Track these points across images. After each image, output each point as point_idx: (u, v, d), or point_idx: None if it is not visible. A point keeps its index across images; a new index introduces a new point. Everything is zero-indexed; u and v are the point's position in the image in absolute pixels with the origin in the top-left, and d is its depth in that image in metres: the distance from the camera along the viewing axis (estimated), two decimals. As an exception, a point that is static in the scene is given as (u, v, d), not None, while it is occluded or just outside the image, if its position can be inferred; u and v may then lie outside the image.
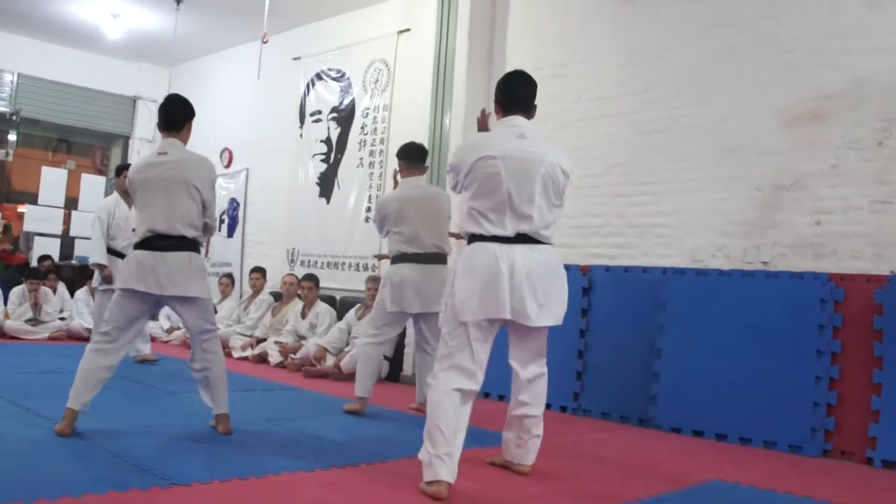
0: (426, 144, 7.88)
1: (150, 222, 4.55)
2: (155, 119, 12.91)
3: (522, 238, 3.88)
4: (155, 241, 4.54)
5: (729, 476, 4.46)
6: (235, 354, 9.03)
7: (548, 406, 6.39)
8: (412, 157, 5.98)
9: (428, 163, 6.15)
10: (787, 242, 5.79)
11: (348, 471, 4.02)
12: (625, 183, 6.75)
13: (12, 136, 12.41)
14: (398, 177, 6.06)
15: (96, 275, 7.87)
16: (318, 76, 10.09)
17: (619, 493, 3.95)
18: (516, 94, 4.15)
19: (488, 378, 4.22)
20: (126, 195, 7.79)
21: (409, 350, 7.75)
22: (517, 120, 4.09)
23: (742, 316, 5.69)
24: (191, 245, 4.62)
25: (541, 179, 3.91)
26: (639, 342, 6.23)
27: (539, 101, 7.21)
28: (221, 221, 11.47)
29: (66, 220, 12.51)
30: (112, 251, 7.71)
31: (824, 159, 5.67)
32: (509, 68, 7.64)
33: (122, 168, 7.99)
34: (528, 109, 4.16)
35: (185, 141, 4.75)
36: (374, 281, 7.94)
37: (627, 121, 6.78)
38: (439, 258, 5.77)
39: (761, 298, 5.64)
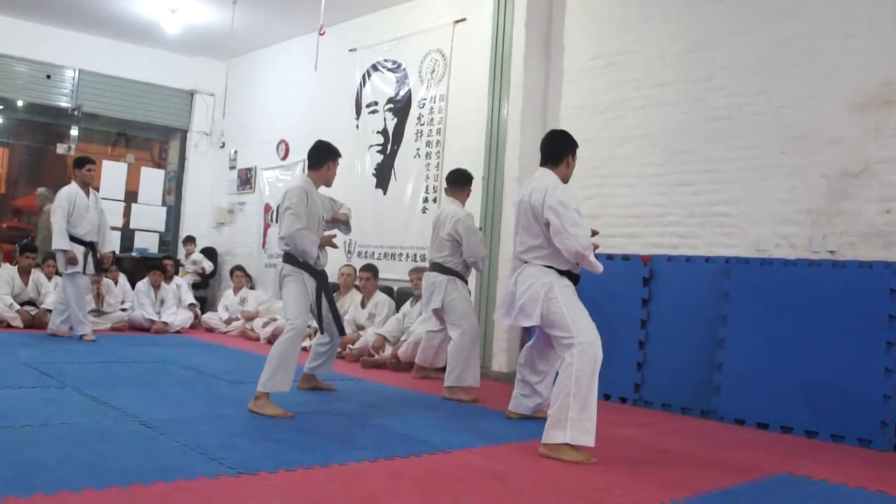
0: (483, 134, 7.92)
1: None
2: (212, 112, 13.18)
3: (523, 261, 4.86)
4: None
5: (797, 469, 4.37)
6: (294, 345, 9.10)
7: (607, 397, 6.42)
8: (449, 180, 6.75)
9: (471, 187, 6.77)
10: (856, 231, 5.65)
11: (412, 461, 4.02)
12: (686, 171, 6.64)
13: (74, 131, 12.65)
14: None
15: (60, 260, 8.41)
16: (374, 67, 10.10)
17: (686, 484, 3.90)
18: (541, 150, 4.97)
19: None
20: (85, 186, 8.49)
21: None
22: (539, 171, 4.91)
23: (808, 306, 5.57)
24: (284, 257, 5.46)
25: (524, 214, 4.80)
26: (701, 333, 6.14)
27: (597, 89, 7.32)
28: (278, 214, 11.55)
29: (127, 213, 12.76)
30: (72, 238, 8.31)
31: (894, 145, 5.51)
32: (567, 57, 7.68)
33: (85, 161, 8.64)
34: (551, 161, 4.88)
35: (317, 179, 5.60)
36: (417, 272, 7.99)
37: (688, 109, 6.67)
38: (435, 267, 6.53)
39: (828, 288, 5.51)
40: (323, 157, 5.62)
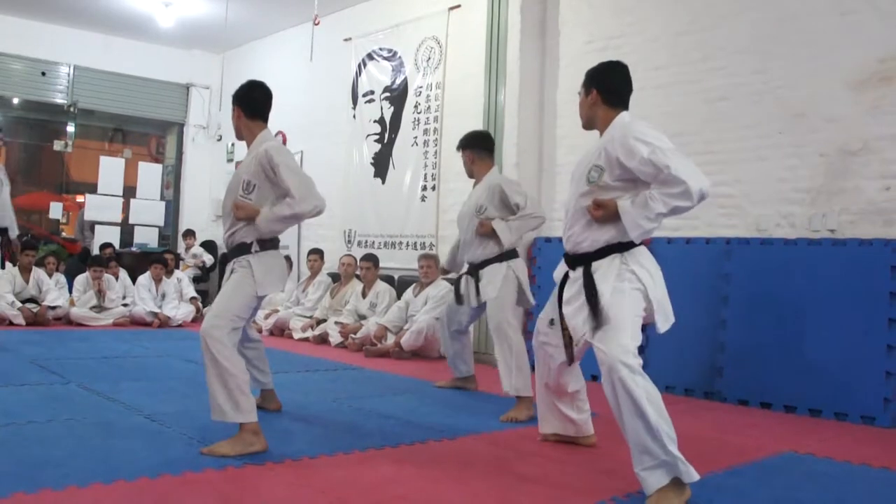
0: (481, 121, 7.90)
1: None
2: (208, 105, 13.06)
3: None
4: None
5: (802, 448, 4.38)
6: (296, 336, 9.15)
7: (611, 381, 6.39)
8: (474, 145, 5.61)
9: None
10: (855, 209, 5.64)
11: (418, 448, 4.03)
12: (685, 153, 6.61)
13: (70, 128, 12.63)
14: None
15: None
16: (370, 56, 10.08)
17: (692, 465, 3.89)
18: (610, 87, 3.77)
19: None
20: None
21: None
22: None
23: (810, 285, 5.57)
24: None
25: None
26: (703, 314, 6.13)
27: (594, 72, 7.20)
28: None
29: (125, 209, 12.74)
30: None
31: (893, 122, 5.50)
32: (563, 41, 7.66)
33: None
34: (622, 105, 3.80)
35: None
36: (426, 259, 7.99)
37: (686, 90, 6.66)
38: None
39: (829, 267, 5.51)
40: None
